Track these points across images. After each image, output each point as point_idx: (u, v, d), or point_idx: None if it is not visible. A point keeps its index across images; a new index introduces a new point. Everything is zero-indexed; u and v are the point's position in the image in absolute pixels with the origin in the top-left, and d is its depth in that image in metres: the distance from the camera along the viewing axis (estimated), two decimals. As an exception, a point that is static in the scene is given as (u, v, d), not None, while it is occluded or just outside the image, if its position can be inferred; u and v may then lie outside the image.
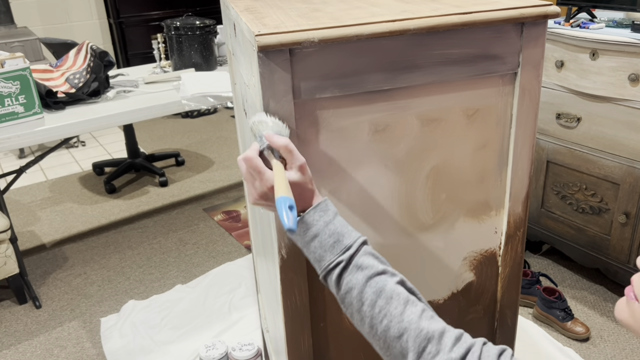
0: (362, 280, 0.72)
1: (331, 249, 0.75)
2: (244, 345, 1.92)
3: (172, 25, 2.79)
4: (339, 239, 0.75)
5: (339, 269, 0.74)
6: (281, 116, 0.82)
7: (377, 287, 0.72)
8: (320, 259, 0.76)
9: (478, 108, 0.93)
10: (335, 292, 0.76)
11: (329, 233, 0.75)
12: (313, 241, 0.76)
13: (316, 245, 0.76)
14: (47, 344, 2.19)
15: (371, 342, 0.74)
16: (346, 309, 0.75)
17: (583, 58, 2.04)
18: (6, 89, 2.08)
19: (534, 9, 0.87)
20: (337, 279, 0.74)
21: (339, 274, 0.74)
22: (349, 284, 0.73)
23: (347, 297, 0.74)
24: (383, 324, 0.70)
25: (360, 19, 0.83)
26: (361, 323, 0.73)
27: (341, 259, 0.74)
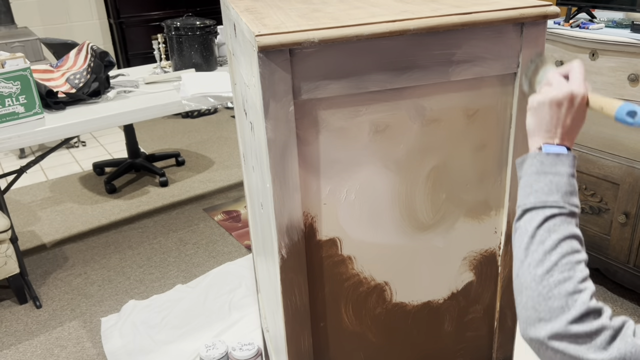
0: (567, 233, 0.74)
1: (565, 195, 0.77)
2: (244, 345, 1.92)
3: (173, 26, 2.79)
4: (573, 193, 0.78)
5: (558, 212, 0.76)
6: (281, 116, 0.82)
7: (574, 247, 0.74)
8: (548, 193, 0.77)
9: (478, 108, 0.93)
10: (531, 223, 0.77)
11: (571, 182, 0.78)
12: (556, 176, 0.78)
13: (554, 181, 0.78)
14: (47, 344, 2.19)
15: (531, 280, 0.74)
16: (531, 242, 0.76)
17: (583, 58, 2.04)
18: (7, 89, 2.08)
19: (533, 9, 0.87)
20: (546, 218, 0.76)
21: (553, 215, 0.76)
22: (555, 228, 0.75)
23: (543, 234, 0.75)
24: (563, 275, 0.71)
25: (360, 19, 0.83)
26: (539, 262, 0.74)
27: (567, 209, 0.76)
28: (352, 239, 0.96)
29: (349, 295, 0.99)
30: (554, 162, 0.78)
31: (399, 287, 1.02)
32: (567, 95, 0.78)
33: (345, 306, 1.00)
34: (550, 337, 0.70)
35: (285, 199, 0.88)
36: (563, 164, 0.78)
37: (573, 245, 0.74)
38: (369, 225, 0.96)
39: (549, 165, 0.78)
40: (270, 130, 0.83)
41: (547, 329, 0.70)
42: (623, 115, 0.75)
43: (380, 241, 0.97)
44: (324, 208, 0.92)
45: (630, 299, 2.24)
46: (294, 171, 0.87)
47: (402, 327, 1.05)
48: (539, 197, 0.78)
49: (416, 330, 1.07)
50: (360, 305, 1.01)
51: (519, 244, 0.77)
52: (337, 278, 0.98)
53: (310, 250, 0.94)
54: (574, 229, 0.75)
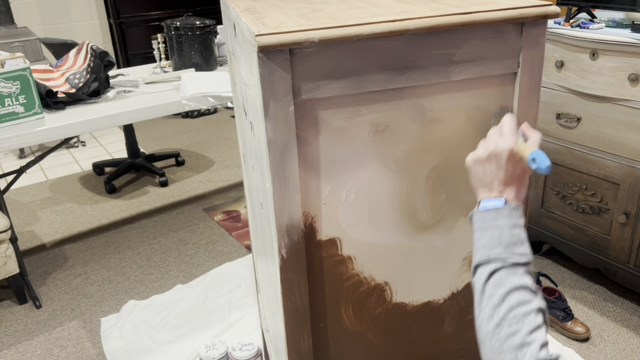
0: (513, 285, 0.76)
1: (507, 247, 0.79)
2: (244, 345, 1.92)
3: (172, 26, 2.79)
4: (517, 243, 0.80)
5: (501, 265, 0.78)
6: (281, 116, 0.82)
7: (521, 299, 0.75)
8: (490, 248, 0.80)
9: (478, 108, 0.93)
10: (479, 279, 0.80)
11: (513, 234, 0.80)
12: (497, 230, 0.81)
13: (495, 235, 0.80)
14: (47, 344, 2.19)
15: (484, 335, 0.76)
16: (482, 298, 0.79)
17: (583, 58, 2.04)
18: (6, 89, 2.08)
19: (533, 9, 0.87)
20: (491, 273, 0.78)
21: (497, 269, 0.78)
22: (501, 281, 0.77)
23: (491, 290, 0.77)
24: (511, 328, 0.73)
25: (360, 19, 0.83)
26: (489, 317, 0.76)
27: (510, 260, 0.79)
28: (352, 239, 0.96)
29: (349, 295, 0.99)
30: (493, 216, 0.82)
31: (399, 287, 1.02)
32: (491, 152, 0.83)
33: (345, 306, 1.00)
34: None
35: (285, 199, 0.88)
36: (503, 217, 0.81)
37: (520, 297, 0.75)
38: (369, 225, 0.96)
39: (489, 220, 0.82)
40: (270, 130, 0.83)
41: None
42: (530, 162, 0.80)
43: (380, 241, 0.97)
44: (324, 208, 0.92)
45: (631, 299, 2.24)
46: (294, 171, 0.86)
47: (402, 327, 1.05)
48: (483, 252, 0.81)
49: (416, 330, 1.07)
50: (360, 305, 1.01)
51: (474, 300, 0.80)
52: (337, 278, 0.97)
53: (310, 250, 0.94)
54: (520, 280, 0.77)
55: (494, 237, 0.80)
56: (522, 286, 0.76)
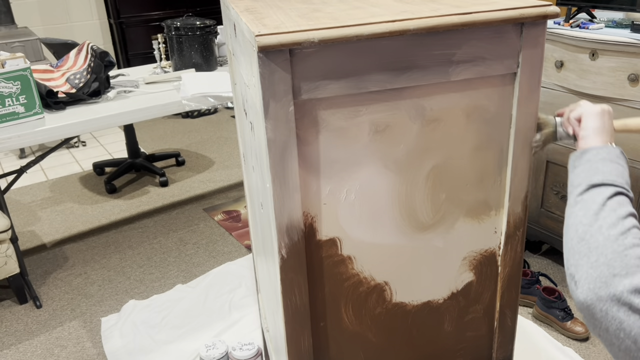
0: (634, 212, 0.80)
1: (628, 184, 0.85)
2: (244, 345, 1.92)
3: (173, 26, 2.79)
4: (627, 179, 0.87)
5: (626, 192, 0.83)
6: (281, 116, 0.83)
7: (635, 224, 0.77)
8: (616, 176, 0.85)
9: (478, 108, 0.93)
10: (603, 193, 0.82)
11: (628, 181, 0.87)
12: (621, 167, 0.88)
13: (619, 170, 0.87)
14: (47, 344, 2.19)
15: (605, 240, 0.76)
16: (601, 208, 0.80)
17: (583, 58, 2.04)
18: (7, 89, 2.08)
19: (533, 9, 0.87)
20: (616, 193, 0.82)
21: (621, 193, 0.82)
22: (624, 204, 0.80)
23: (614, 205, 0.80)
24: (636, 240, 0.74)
25: (360, 19, 0.83)
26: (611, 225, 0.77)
27: (631, 194, 0.84)
28: (352, 239, 0.96)
29: (349, 295, 0.99)
30: (619, 155, 0.90)
31: (399, 287, 1.02)
32: (604, 109, 0.93)
33: (345, 306, 1.00)
34: (630, 291, 0.69)
35: (285, 199, 0.88)
36: (625, 161, 0.89)
37: (635, 222, 0.78)
38: (369, 225, 0.96)
39: (615, 157, 0.89)
40: (270, 130, 0.83)
41: (626, 283, 0.69)
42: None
43: (380, 241, 0.97)
44: (324, 208, 0.92)
45: (630, 298, 2.24)
46: (294, 171, 0.87)
47: (402, 327, 1.05)
48: (608, 177, 0.85)
49: (416, 330, 1.07)
50: (360, 305, 1.01)
51: (584, 212, 0.81)
52: (337, 278, 0.98)
53: (310, 250, 0.94)
54: (633, 210, 0.81)
55: (618, 171, 0.86)
56: (635, 215, 0.79)
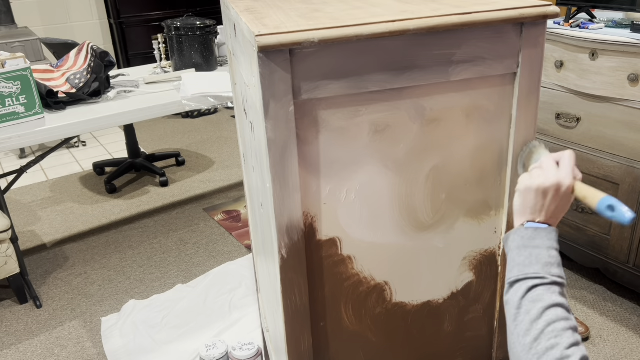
0: (551, 302, 0.78)
1: (545, 266, 0.81)
2: (245, 345, 1.92)
3: (173, 26, 2.79)
4: (554, 264, 0.82)
5: (539, 282, 0.80)
6: (281, 116, 0.83)
7: (560, 315, 0.77)
8: (528, 265, 0.82)
9: (478, 108, 0.93)
10: (516, 294, 0.81)
11: (551, 254, 0.83)
12: (536, 249, 0.83)
13: (533, 254, 0.83)
14: (47, 344, 2.19)
15: (521, 349, 0.77)
16: (518, 313, 0.80)
17: (582, 58, 2.04)
18: (7, 89, 2.08)
19: (533, 9, 0.87)
20: (529, 289, 0.80)
21: (535, 286, 0.80)
22: (539, 297, 0.79)
23: (528, 305, 0.79)
24: (550, 342, 0.74)
25: (360, 19, 0.83)
26: (526, 331, 0.77)
27: (548, 279, 0.80)
28: (352, 239, 0.96)
29: (349, 295, 1.00)
30: (532, 236, 0.84)
31: (399, 287, 1.02)
32: (554, 185, 0.83)
33: (345, 306, 1.00)
34: None
35: (285, 199, 0.88)
36: (542, 238, 0.83)
37: (558, 313, 0.76)
38: (369, 225, 0.96)
39: (528, 240, 0.84)
40: (270, 130, 0.83)
41: None
42: (603, 208, 0.80)
43: (380, 241, 0.98)
44: (324, 208, 0.92)
45: (630, 298, 2.24)
46: (294, 171, 0.87)
47: (402, 327, 1.05)
48: (521, 269, 0.82)
49: (416, 330, 1.07)
50: (360, 305, 1.01)
51: (508, 316, 0.81)
52: (337, 278, 0.98)
53: (310, 250, 0.94)
54: (558, 298, 0.78)
55: (532, 255, 0.82)
56: (560, 304, 0.77)
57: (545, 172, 0.85)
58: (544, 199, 0.84)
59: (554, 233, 0.84)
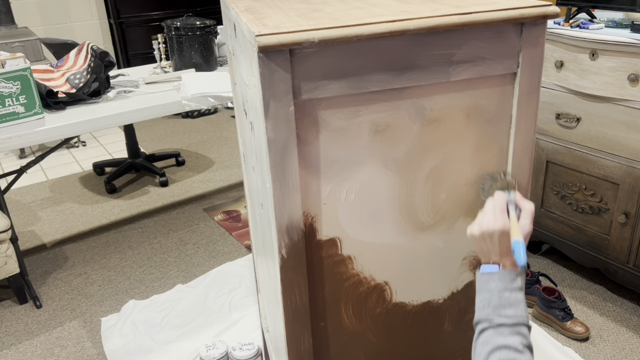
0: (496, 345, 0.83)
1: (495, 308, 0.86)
2: (244, 345, 1.92)
3: (173, 26, 2.79)
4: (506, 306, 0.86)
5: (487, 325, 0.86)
6: (281, 116, 0.83)
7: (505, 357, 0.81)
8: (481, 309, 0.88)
9: (478, 108, 0.93)
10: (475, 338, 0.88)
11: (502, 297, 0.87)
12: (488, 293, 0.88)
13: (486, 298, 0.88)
14: (47, 344, 2.19)
15: None
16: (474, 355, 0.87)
17: (583, 58, 2.04)
18: (7, 89, 2.08)
19: (533, 9, 0.87)
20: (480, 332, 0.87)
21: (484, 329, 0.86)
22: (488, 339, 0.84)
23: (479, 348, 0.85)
24: None
25: (360, 19, 0.83)
26: None
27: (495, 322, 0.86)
28: (352, 239, 0.96)
29: (349, 295, 1.00)
30: (486, 279, 0.89)
31: (399, 287, 1.02)
32: (484, 232, 0.89)
33: (345, 306, 1.00)
34: None
35: (285, 199, 0.88)
36: (494, 281, 0.88)
37: (502, 356, 0.81)
38: (369, 225, 0.96)
39: (482, 284, 0.90)
40: (270, 130, 0.83)
41: None
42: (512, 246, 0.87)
43: (380, 241, 0.98)
44: (324, 208, 0.92)
45: (630, 298, 2.24)
46: (294, 171, 0.87)
47: (402, 327, 1.05)
48: (477, 313, 0.89)
49: (416, 330, 1.07)
50: (360, 305, 1.01)
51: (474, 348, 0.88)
52: (337, 278, 0.98)
53: (310, 250, 0.94)
54: (504, 340, 0.83)
55: (485, 299, 0.88)
56: (505, 346, 0.82)
57: (480, 218, 0.91)
58: (484, 243, 0.90)
59: (507, 274, 0.88)
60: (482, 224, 0.89)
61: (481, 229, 0.89)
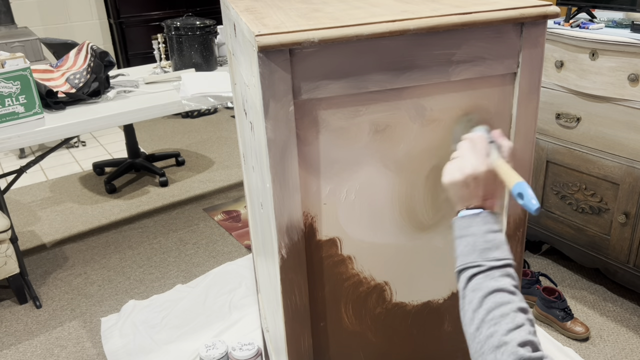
0: (490, 289, 0.79)
1: (482, 252, 0.82)
2: (244, 345, 1.92)
3: (173, 26, 2.79)
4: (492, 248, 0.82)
5: (477, 270, 0.81)
6: (281, 116, 0.83)
7: (499, 301, 0.78)
8: (467, 255, 0.83)
9: (478, 108, 0.93)
10: (460, 285, 0.83)
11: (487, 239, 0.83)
12: (472, 237, 0.84)
13: (470, 242, 0.83)
14: (47, 344, 2.19)
15: (469, 339, 0.79)
16: (463, 303, 0.81)
17: (583, 58, 2.04)
18: (7, 89, 2.08)
19: (533, 9, 0.87)
20: (469, 278, 0.81)
21: (473, 275, 0.81)
22: (478, 286, 0.80)
23: (470, 295, 0.80)
24: (489, 330, 0.76)
25: (360, 19, 0.83)
26: (470, 321, 0.79)
27: (485, 266, 0.81)
28: (352, 239, 0.96)
29: (349, 295, 0.99)
30: (467, 224, 0.85)
31: (399, 287, 1.02)
32: (468, 176, 0.84)
33: (345, 306, 1.00)
34: None
35: (285, 199, 0.88)
36: (477, 224, 0.84)
37: (497, 299, 0.78)
38: (369, 225, 0.96)
39: (464, 229, 0.85)
40: (270, 130, 0.83)
41: None
42: (515, 194, 0.80)
43: (380, 241, 0.97)
44: (324, 208, 0.92)
45: (631, 299, 2.24)
46: (294, 171, 0.87)
47: (402, 327, 1.05)
48: (461, 259, 0.84)
49: (416, 330, 1.07)
50: (360, 305, 1.01)
51: (459, 307, 0.83)
52: (337, 278, 0.98)
53: (310, 250, 0.94)
54: (497, 283, 0.79)
55: (469, 244, 0.83)
56: (499, 289, 0.78)
57: (460, 162, 0.86)
58: (467, 188, 0.85)
59: (489, 216, 0.84)
60: (465, 167, 0.84)
61: (464, 173, 0.84)
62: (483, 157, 0.85)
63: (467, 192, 0.85)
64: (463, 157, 0.86)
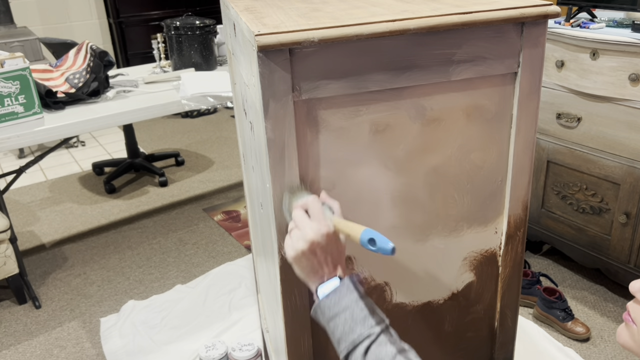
0: (391, 354, 0.76)
1: (363, 321, 0.78)
2: (244, 346, 1.92)
3: (172, 25, 2.79)
4: (367, 316, 0.79)
5: (369, 342, 0.78)
6: (281, 116, 0.82)
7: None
8: (349, 332, 0.79)
9: (478, 108, 0.93)
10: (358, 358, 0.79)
11: (361, 307, 0.79)
12: (347, 311, 0.79)
13: (348, 317, 0.79)
14: (46, 344, 2.18)
15: None
16: None
17: (583, 58, 2.04)
18: (6, 89, 2.08)
19: (534, 9, 0.87)
20: (365, 351, 0.78)
21: (368, 347, 0.78)
22: (379, 356, 0.77)
23: None
24: None
25: (360, 19, 0.83)
26: None
27: (375, 333, 0.78)
28: (352, 239, 0.95)
29: (349, 296, 0.99)
30: (336, 300, 0.80)
31: (399, 287, 1.02)
32: (312, 242, 0.79)
33: (345, 307, 1.00)
34: None
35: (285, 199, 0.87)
36: (346, 295, 0.80)
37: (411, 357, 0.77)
38: (369, 225, 0.95)
39: (335, 306, 0.80)
40: (270, 130, 0.83)
41: None
42: (365, 242, 0.77)
43: (381, 241, 0.97)
44: (323, 208, 0.92)
45: (631, 299, 2.24)
46: (294, 171, 0.86)
47: (402, 327, 1.05)
48: (347, 339, 0.79)
49: (416, 330, 1.07)
50: (360, 306, 1.00)
51: None
52: (337, 278, 0.97)
53: (310, 251, 0.93)
54: (394, 345, 0.77)
55: (348, 319, 0.79)
56: (399, 350, 0.77)
57: (300, 232, 0.80)
58: (315, 256, 0.80)
59: (349, 283, 0.81)
60: (307, 234, 0.79)
61: (308, 239, 0.79)
62: (321, 219, 0.81)
63: (316, 261, 0.81)
64: (301, 225, 0.81)
